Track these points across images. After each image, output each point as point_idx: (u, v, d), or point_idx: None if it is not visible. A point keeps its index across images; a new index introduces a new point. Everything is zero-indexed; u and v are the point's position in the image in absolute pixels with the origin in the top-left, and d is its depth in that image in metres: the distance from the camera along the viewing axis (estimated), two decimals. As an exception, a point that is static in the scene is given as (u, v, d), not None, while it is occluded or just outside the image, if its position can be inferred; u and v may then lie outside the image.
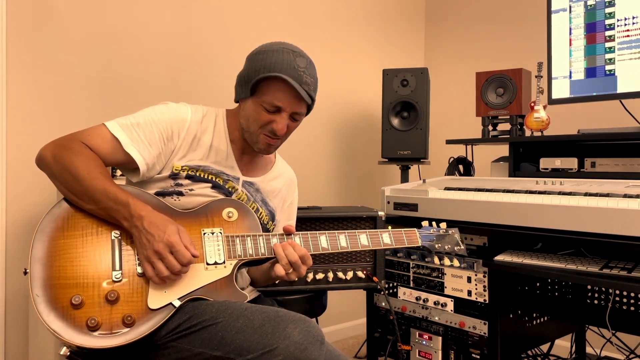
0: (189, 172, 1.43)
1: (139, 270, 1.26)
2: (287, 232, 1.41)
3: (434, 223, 1.59)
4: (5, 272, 1.92)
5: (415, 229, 1.54)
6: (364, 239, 1.46)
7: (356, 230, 1.47)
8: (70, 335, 1.16)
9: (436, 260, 1.56)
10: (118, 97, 2.19)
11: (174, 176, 1.42)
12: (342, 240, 1.45)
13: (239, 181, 1.52)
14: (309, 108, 1.49)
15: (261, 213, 1.55)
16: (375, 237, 1.48)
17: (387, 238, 1.49)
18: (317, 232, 1.44)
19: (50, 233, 1.25)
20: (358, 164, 3.15)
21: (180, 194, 1.42)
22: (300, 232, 1.43)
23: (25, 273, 1.21)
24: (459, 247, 1.56)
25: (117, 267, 1.25)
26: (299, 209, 1.81)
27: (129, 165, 1.40)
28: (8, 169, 1.92)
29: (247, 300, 1.33)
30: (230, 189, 1.49)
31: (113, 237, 1.28)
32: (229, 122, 1.52)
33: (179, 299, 1.25)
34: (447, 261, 1.53)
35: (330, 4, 2.97)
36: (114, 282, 1.23)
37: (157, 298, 1.24)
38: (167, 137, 1.41)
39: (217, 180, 1.46)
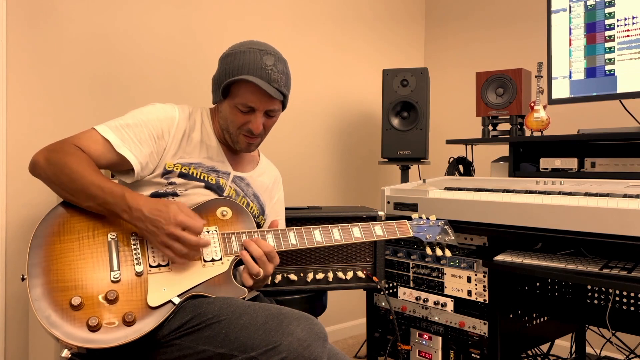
0: (182, 170, 1.45)
1: (137, 269, 1.27)
2: (274, 227, 1.44)
3: (423, 215, 1.63)
4: (6, 272, 1.92)
5: (405, 220, 1.58)
6: (357, 232, 1.49)
7: (349, 224, 1.49)
8: (70, 337, 1.15)
9: (436, 251, 1.59)
10: (118, 97, 2.19)
11: (166, 174, 1.43)
12: (336, 234, 1.47)
13: (230, 176, 1.54)
14: (284, 103, 1.52)
15: (252, 207, 1.58)
16: (367, 229, 1.50)
17: (379, 230, 1.51)
18: (311, 226, 1.45)
19: (46, 238, 1.25)
20: (358, 164, 3.14)
21: (175, 194, 1.43)
22: (294, 227, 1.44)
23: (23, 279, 1.20)
24: (449, 238, 1.60)
25: (115, 268, 1.25)
26: (299, 209, 1.81)
27: (121, 167, 1.42)
28: (8, 169, 1.92)
29: (246, 295, 1.33)
30: (222, 186, 1.51)
31: (110, 239, 1.29)
32: (213, 120, 1.57)
33: (178, 296, 1.26)
34: (439, 251, 1.58)
35: (330, 4, 2.97)
36: (113, 282, 1.24)
37: (157, 296, 1.24)
38: (158, 135, 1.43)
39: (209, 179, 1.48)
